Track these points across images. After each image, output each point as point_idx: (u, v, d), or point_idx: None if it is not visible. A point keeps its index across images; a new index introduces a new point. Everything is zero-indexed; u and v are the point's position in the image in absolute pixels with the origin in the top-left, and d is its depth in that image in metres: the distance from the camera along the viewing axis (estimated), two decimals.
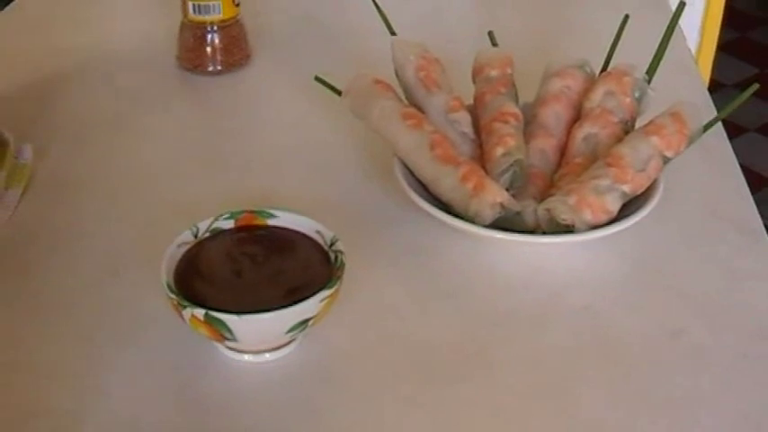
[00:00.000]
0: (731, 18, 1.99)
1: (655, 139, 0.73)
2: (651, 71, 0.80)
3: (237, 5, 0.97)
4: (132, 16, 1.10)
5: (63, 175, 0.82)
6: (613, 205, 0.70)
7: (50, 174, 0.82)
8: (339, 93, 0.82)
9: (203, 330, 0.59)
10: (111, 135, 0.88)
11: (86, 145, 0.87)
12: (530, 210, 0.71)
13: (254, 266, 0.62)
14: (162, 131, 0.89)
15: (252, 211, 0.67)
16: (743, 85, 0.75)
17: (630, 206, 0.72)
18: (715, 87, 0.99)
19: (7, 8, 1.14)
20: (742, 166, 0.83)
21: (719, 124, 0.83)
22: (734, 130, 0.86)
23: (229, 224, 0.66)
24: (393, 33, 0.86)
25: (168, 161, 0.84)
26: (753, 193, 0.80)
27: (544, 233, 0.71)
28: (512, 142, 0.74)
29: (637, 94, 0.79)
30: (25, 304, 0.68)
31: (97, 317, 0.66)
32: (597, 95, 0.78)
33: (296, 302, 0.59)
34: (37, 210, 0.78)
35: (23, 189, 0.79)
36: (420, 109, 0.78)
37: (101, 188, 0.81)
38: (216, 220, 0.66)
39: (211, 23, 0.96)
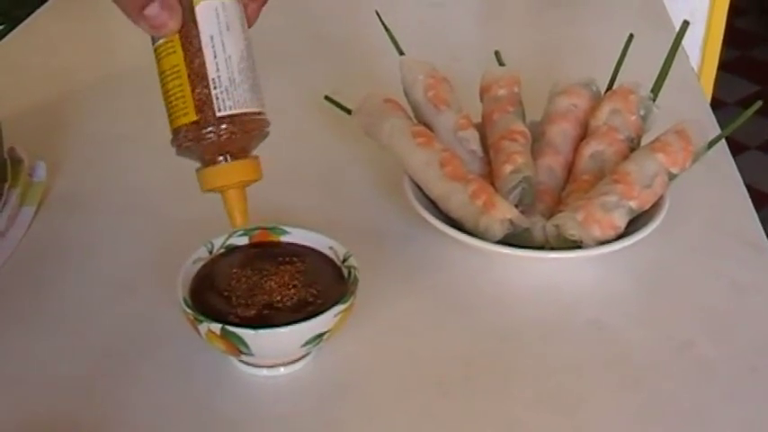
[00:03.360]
0: (732, 37, 2.01)
1: (660, 156, 0.74)
2: (656, 89, 0.81)
3: None
4: (144, 34, 1.12)
5: (77, 193, 0.83)
6: (621, 221, 0.71)
7: (64, 191, 0.83)
8: (349, 111, 0.83)
9: (219, 345, 0.60)
10: (124, 152, 0.90)
11: (100, 162, 0.88)
12: (538, 226, 0.72)
13: (268, 282, 0.63)
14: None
15: (265, 228, 0.68)
16: (744, 103, 0.76)
17: (637, 222, 0.73)
18: (717, 105, 1.00)
19: (19, 27, 1.15)
20: (744, 184, 0.85)
21: (723, 141, 0.84)
22: (736, 148, 0.87)
23: (243, 240, 0.67)
24: (401, 53, 0.87)
25: (182, 178, 0.85)
26: (756, 211, 0.81)
27: (553, 249, 0.72)
28: (520, 160, 0.75)
29: (642, 112, 0.80)
30: (41, 320, 0.69)
31: (114, 332, 0.67)
32: (603, 113, 0.80)
33: (311, 317, 0.60)
34: (51, 227, 0.79)
35: (37, 207, 0.80)
36: (429, 127, 0.80)
37: (115, 205, 0.82)
38: (230, 236, 0.67)
39: None
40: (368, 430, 0.60)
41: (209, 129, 0.59)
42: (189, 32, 0.58)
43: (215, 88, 0.58)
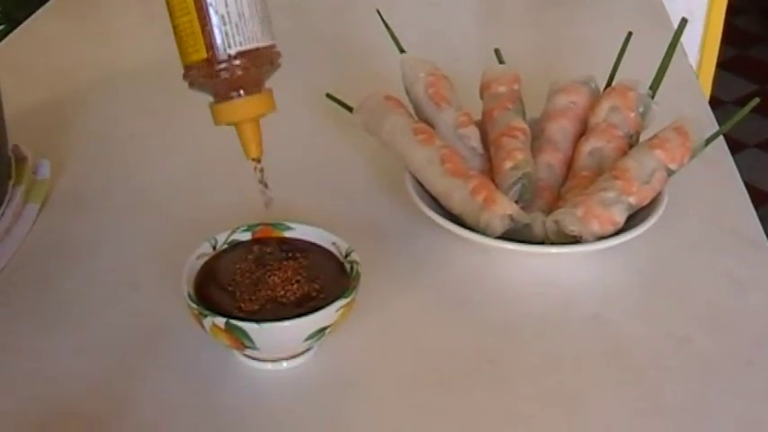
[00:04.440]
0: (731, 35, 2.01)
1: (659, 153, 0.75)
2: (654, 86, 0.82)
3: None
4: (147, 33, 1.12)
5: (81, 190, 0.84)
6: (620, 216, 0.72)
7: (68, 189, 0.84)
8: (350, 109, 0.84)
9: (223, 339, 0.61)
10: (127, 150, 0.90)
11: (103, 160, 0.89)
12: (538, 222, 0.73)
13: (272, 277, 0.64)
14: (177, 147, 0.91)
15: (268, 224, 0.68)
16: (743, 102, 0.77)
17: (636, 217, 0.73)
18: (715, 104, 1.01)
19: (20, 28, 1.15)
20: (742, 182, 0.85)
21: (721, 138, 0.85)
22: (734, 146, 0.88)
23: (247, 236, 0.68)
24: (402, 51, 0.88)
25: (185, 176, 0.86)
26: (754, 208, 0.81)
27: (553, 244, 0.72)
28: (520, 156, 0.76)
29: (641, 109, 0.80)
30: (46, 316, 0.69)
31: (119, 328, 0.68)
32: (602, 110, 0.80)
33: (313, 312, 0.60)
34: (56, 224, 0.79)
35: (41, 204, 0.81)
36: (430, 124, 0.80)
37: (118, 203, 0.82)
38: (233, 232, 0.68)
39: None
40: (370, 424, 0.61)
41: (222, 66, 0.59)
42: None
43: (225, 24, 0.58)
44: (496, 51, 0.91)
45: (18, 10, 1.23)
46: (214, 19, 0.58)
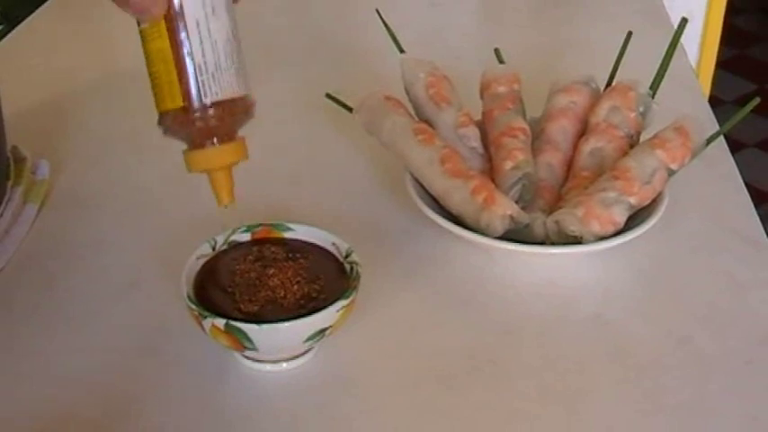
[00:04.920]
0: (730, 35, 2.01)
1: (659, 153, 0.75)
2: (655, 86, 0.82)
3: None
4: None
5: (80, 191, 0.84)
6: (620, 217, 0.72)
7: (67, 189, 0.84)
8: (350, 109, 0.84)
9: (223, 340, 0.61)
10: (126, 150, 0.90)
11: (102, 160, 0.89)
12: (539, 222, 0.73)
13: (271, 277, 0.63)
14: (177, 147, 0.90)
15: (268, 225, 0.68)
16: (742, 102, 0.77)
17: (637, 217, 0.73)
18: (714, 103, 1.01)
19: (18, 27, 1.15)
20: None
21: (721, 138, 0.85)
22: (734, 146, 0.88)
23: (246, 237, 0.68)
24: (402, 51, 0.88)
25: (184, 176, 0.85)
26: (755, 208, 0.81)
27: (553, 244, 0.72)
28: (520, 156, 0.76)
29: (641, 109, 0.80)
30: (45, 317, 0.69)
31: (118, 328, 0.68)
32: (603, 110, 0.80)
33: (314, 313, 0.60)
34: (55, 224, 0.79)
35: (41, 205, 0.80)
36: (430, 125, 0.80)
37: (118, 203, 0.82)
38: (233, 233, 0.68)
39: None
40: (371, 425, 0.61)
41: (196, 115, 0.59)
42: (174, 18, 0.58)
43: (201, 74, 0.58)
44: (496, 51, 0.91)
45: (17, 9, 1.23)
46: (191, 68, 0.58)
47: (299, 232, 0.68)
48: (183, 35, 0.58)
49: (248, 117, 0.62)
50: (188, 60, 0.58)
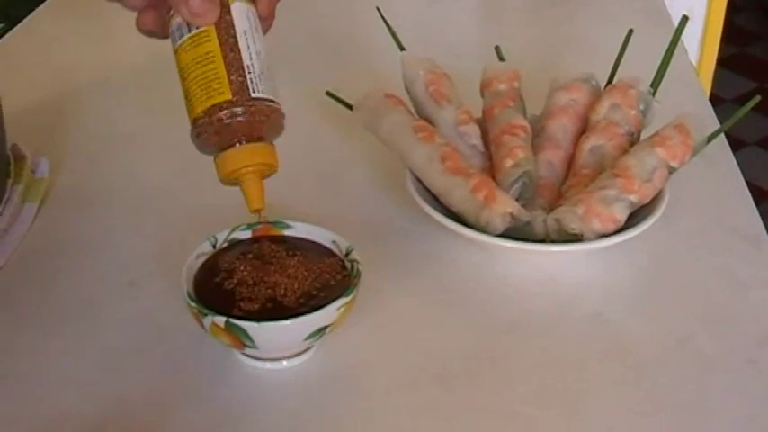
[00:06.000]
0: (730, 33, 2.01)
1: (660, 150, 0.75)
2: (655, 84, 0.82)
3: None
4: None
5: (80, 189, 0.84)
6: (621, 215, 0.72)
7: (67, 188, 0.84)
8: (350, 107, 0.84)
9: (223, 338, 0.61)
10: (126, 149, 0.90)
11: (102, 159, 0.88)
12: (539, 220, 0.73)
13: (271, 275, 0.63)
14: (177, 146, 0.90)
15: (268, 223, 0.68)
16: (742, 100, 0.77)
17: (637, 215, 0.73)
18: (715, 101, 1.01)
19: (18, 26, 1.15)
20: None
21: (722, 136, 0.85)
22: (734, 144, 0.88)
23: (246, 235, 0.68)
24: (402, 49, 0.88)
25: (184, 175, 0.85)
26: (755, 206, 0.81)
27: (553, 242, 0.72)
28: (521, 154, 0.76)
29: (642, 107, 0.80)
30: (45, 316, 0.69)
31: (118, 327, 0.68)
32: (603, 108, 0.80)
33: (314, 310, 0.60)
34: (54, 223, 0.79)
35: (40, 203, 0.80)
36: (430, 122, 0.80)
37: (117, 201, 0.82)
38: (233, 230, 0.68)
39: None
40: (370, 423, 0.61)
41: (244, 107, 0.61)
42: (225, 24, 0.62)
43: (249, 73, 0.62)
44: (497, 49, 0.91)
45: (17, 8, 1.23)
46: (242, 64, 0.62)
47: (300, 230, 0.68)
48: (233, 39, 0.62)
49: (280, 130, 0.65)
50: (239, 58, 0.62)
